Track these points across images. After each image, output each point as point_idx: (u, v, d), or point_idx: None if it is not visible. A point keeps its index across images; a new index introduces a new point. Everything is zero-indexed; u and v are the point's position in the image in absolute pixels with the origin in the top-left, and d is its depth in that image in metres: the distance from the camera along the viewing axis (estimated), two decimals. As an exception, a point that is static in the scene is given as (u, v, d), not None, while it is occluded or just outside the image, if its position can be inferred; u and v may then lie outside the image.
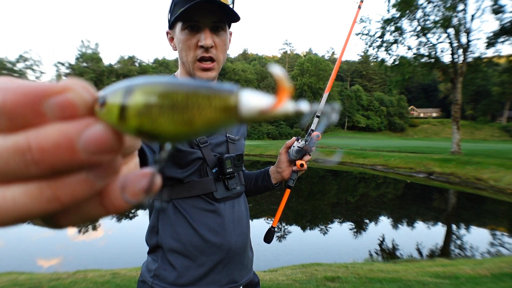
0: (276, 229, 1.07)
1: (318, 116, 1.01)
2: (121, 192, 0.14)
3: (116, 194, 0.14)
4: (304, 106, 0.15)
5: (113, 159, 0.14)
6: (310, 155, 0.97)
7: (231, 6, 0.82)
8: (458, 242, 5.31)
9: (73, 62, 50.59)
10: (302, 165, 0.95)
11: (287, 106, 0.15)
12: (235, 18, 0.81)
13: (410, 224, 6.41)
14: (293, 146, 0.97)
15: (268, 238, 1.04)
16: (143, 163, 0.61)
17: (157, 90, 0.13)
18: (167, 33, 0.88)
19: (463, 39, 13.51)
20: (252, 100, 0.14)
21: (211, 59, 0.80)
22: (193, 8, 0.75)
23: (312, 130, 0.97)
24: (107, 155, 0.13)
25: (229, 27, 0.85)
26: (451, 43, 13.72)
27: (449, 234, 5.82)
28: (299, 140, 0.96)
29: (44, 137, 0.12)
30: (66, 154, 0.12)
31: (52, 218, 0.14)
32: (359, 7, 1.17)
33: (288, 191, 1.03)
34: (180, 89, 0.13)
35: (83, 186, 0.13)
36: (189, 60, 0.80)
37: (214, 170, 0.84)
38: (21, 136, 0.12)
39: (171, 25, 0.83)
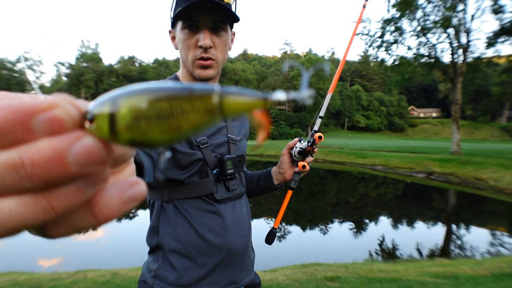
0: (277, 230, 1.07)
1: (321, 117, 1.01)
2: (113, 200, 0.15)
3: (104, 202, 0.15)
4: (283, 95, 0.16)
5: (103, 169, 0.14)
6: (312, 157, 0.97)
7: (233, 5, 0.82)
8: (458, 242, 5.31)
9: (73, 62, 50.57)
10: (304, 166, 0.94)
11: (278, 96, 0.15)
12: (235, 18, 0.81)
13: (410, 224, 6.41)
14: (295, 147, 0.96)
15: (269, 239, 1.04)
16: (140, 169, 0.61)
17: (141, 102, 0.14)
18: (170, 32, 0.88)
19: (463, 39, 13.52)
20: (234, 102, 0.15)
21: (210, 59, 0.80)
22: (192, 8, 0.74)
23: (315, 131, 0.96)
24: (98, 166, 0.13)
25: (231, 27, 0.85)
26: (451, 43, 13.72)
27: (449, 234, 5.83)
28: (301, 141, 0.96)
29: (35, 152, 0.12)
30: (58, 168, 0.12)
31: (43, 229, 0.15)
32: (364, 6, 1.16)
33: (290, 192, 1.03)
34: (162, 97, 0.14)
35: (75, 195, 0.13)
36: (188, 60, 0.80)
37: (214, 171, 0.83)
38: (14, 152, 0.12)
39: (173, 24, 0.83)
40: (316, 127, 0.99)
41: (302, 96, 0.15)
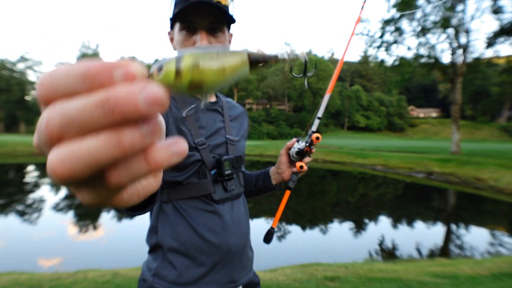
0: (275, 230, 1.08)
1: (319, 118, 1.01)
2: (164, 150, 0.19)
3: (156, 152, 0.18)
4: (298, 52, 0.23)
5: (159, 121, 0.18)
6: (310, 157, 0.97)
7: (230, 6, 0.82)
8: (458, 242, 5.32)
9: (73, 62, 50.49)
10: (301, 166, 0.95)
11: (283, 53, 0.23)
12: (231, 19, 0.81)
13: (410, 224, 6.42)
14: (293, 148, 0.97)
15: (267, 238, 1.05)
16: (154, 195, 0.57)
17: (199, 53, 0.19)
18: (168, 33, 0.88)
19: (463, 40, 13.54)
20: (257, 54, 0.21)
21: None
22: (189, 9, 0.75)
23: (313, 132, 0.97)
24: (159, 107, 0.17)
25: (229, 29, 0.85)
26: (450, 43, 13.74)
27: (448, 234, 5.83)
28: (299, 142, 0.96)
29: (118, 92, 0.16)
30: (131, 105, 0.16)
31: (105, 175, 0.18)
32: (362, 7, 1.16)
33: (288, 192, 1.03)
34: (214, 51, 0.20)
35: (138, 137, 0.17)
36: None
37: (212, 172, 0.84)
38: (101, 93, 0.16)
39: (171, 26, 0.84)
40: (314, 128, 1.00)
41: (300, 54, 0.23)
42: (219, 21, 0.79)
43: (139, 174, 0.18)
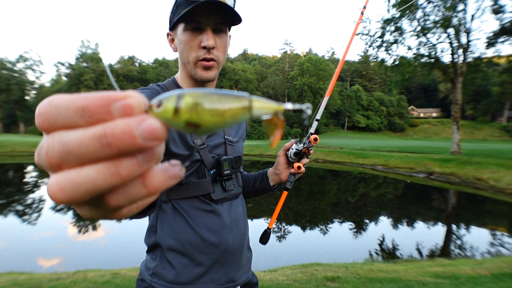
0: (272, 230, 1.08)
1: (317, 120, 1.01)
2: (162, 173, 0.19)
3: (154, 176, 0.19)
4: (303, 106, 0.23)
5: (157, 149, 0.18)
6: (308, 158, 0.98)
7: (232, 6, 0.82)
8: (458, 242, 5.31)
9: (73, 62, 50.51)
10: (299, 167, 0.96)
11: (287, 106, 0.23)
12: (237, 20, 0.81)
13: (410, 224, 6.41)
14: (291, 149, 0.97)
15: (263, 239, 1.05)
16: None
17: (200, 94, 0.20)
18: (168, 34, 0.88)
19: (463, 39, 13.51)
20: (260, 104, 0.21)
21: (212, 60, 0.81)
22: (197, 9, 0.75)
23: (311, 133, 0.98)
24: (156, 141, 0.17)
25: (229, 30, 0.86)
26: (451, 43, 13.71)
27: (449, 234, 5.83)
28: (297, 143, 0.97)
29: (115, 127, 0.17)
30: (129, 139, 0.17)
31: (104, 199, 0.18)
32: (362, 13, 1.17)
33: (285, 193, 1.04)
34: (215, 93, 0.20)
35: (135, 166, 0.17)
36: (190, 61, 0.81)
37: (212, 172, 0.85)
38: (99, 127, 0.17)
39: (172, 27, 0.84)
40: (312, 130, 1.00)
41: (304, 108, 0.23)
42: (224, 21, 0.80)
43: (137, 197, 0.19)
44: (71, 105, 0.17)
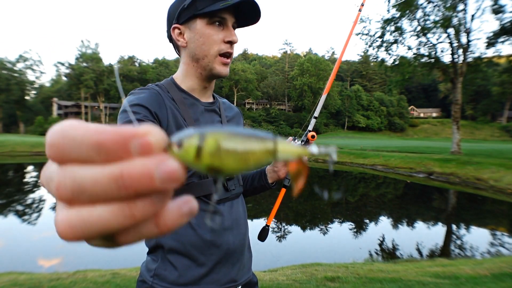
0: (270, 227, 1.09)
1: (315, 118, 1.02)
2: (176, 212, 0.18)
3: (167, 215, 0.18)
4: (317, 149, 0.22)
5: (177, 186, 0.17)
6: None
7: None
8: (458, 242, 5.31)
9: (73, 62, 50.46)
10: None
11: (312, 150, 0.22)
12: (256, 20, 0.87)
13: (410, 224, 6.41)
14: None
15: (262, 236, 1.05)
16: None
17: (223, 135, 0.18)
18: (174, 28, 0.85)
19: (463, 39, 13.51)
20: (285, 147, 0.20)
21: (231, 56, 0.85)
22: (240, 5, 0.80)
23: (309, 130, 0.98)
24: (175, 183, 0.16)
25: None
26: (451, 43, 13.71)
27: (449, 234, 5.82)
28: (296, 140, 0.98)
29: (132, 168, 0.16)
30: (146, 182, 0.16)
31: (115, 237, 0.18)
32: (360, 10, 1.18)
33: (283, 191, 1.04)
34: (239, 133, 0.19)
35: (150, 207, 0.17)
36: (210, 54, 0.82)
37: None
38: (116, 167, 0.16)
39: (186, 20, 0.83)
40: (310, 127, 1.01)
41: (329, 151, 0.22)
42: (239, 21, 0.85)
43: (148, 236, 0.18)
44: (86, 140, 0.16)
